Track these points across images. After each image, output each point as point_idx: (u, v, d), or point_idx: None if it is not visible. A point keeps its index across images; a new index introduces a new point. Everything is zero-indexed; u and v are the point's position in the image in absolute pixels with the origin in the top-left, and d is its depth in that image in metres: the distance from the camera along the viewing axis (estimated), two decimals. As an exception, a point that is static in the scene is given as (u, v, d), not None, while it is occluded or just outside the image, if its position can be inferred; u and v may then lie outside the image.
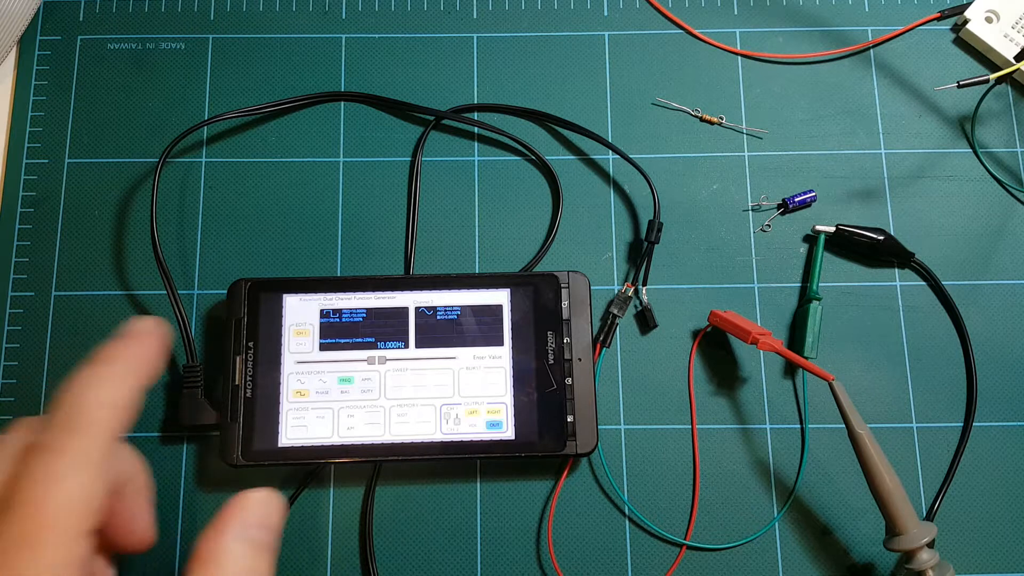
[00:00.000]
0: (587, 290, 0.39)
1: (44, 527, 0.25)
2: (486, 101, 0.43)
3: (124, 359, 0.30)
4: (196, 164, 0.43)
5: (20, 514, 0.25)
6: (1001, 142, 0.43)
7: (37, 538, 0.25)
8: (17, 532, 0.25)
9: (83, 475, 0.26)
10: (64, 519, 0.26)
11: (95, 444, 0.27)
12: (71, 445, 0.27)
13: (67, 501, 0.26)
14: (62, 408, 0.27)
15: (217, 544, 0.27)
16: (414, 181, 0.42)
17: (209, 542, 0.27)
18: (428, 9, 0.45)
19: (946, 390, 0.40)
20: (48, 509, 0.25)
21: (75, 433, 0.27)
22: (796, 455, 0.39)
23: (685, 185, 0.42)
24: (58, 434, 0.27)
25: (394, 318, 0.38)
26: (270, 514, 0.29)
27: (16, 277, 0.41)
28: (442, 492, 0.39)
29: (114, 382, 0.29)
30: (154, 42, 0.44)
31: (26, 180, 0.42)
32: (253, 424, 0.36)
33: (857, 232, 0.41)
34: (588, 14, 0.45)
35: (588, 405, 0.37)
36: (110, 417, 0.28)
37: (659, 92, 0.44)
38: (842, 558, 0.38)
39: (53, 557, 0.25)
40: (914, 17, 0.43)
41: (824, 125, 0.43)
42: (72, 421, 0.27)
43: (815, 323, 0.39)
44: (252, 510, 0.28)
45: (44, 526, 0.25)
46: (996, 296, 0.41)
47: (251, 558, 0.27)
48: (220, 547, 0.27)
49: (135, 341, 0.30)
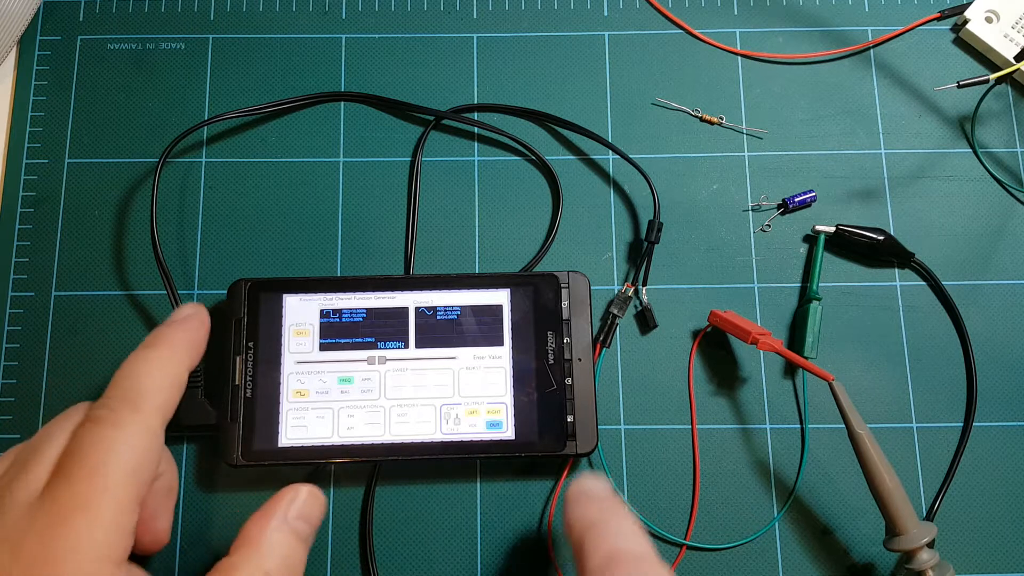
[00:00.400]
0: (587, 290, 0.39)
1: (101, 492, 0.26)
2: (486, 101, 0.43)
3: (173, 343, 0.31)
4: (196, 164, 0.43)
5: (78, 478, 0.26)
6: (1001, 142, 0.43)
7: (94, 502, 0.26)
8: (75, 495, 0.26)
9: (138, 447, 0.28)
10: (119, 487, 0.27)
11: (150, 420, 0.29)
12: (128, 419, 0.28)
13: (123, 470, 0.27)
14: (118, 386, 0.29)
15: (262, 529, 0.29)
16: (414, 181, 0.42)
17: (255, 526, 0.29)
18: (428, 9, 0.45)
19: (946, 390, 0.40)
20: (105, 476, 0.27)
21: (131, 409, 0.28)
22: (796, 455, 0.39)
23: (685, 185, 0.42)
24: (115, 409, 0.28)
25: (394, 318, 0.38)
26: (314, 509, 0.31)
27: (16, 277, 0.41)
28: (442, 492, 0.39)
29: (166, 364, 0.30)
30: (154, 42, 0.44)
31: (26, 180, 0.42)
32: (253, 424, 0.36)
33: (857, 232, 0.41)
34: (588, 14, 0.45)
35: (588, 405, 0.37)
36: (163, 396, 0.30)
37: (659, 92, 0.44)
38: (842, 558, 0.38)
39: (108, 521, 0.26)
40: (914, 17, 0.43)
41: (824, 125, 0.43)
42: (128, 398, 0.29)
43: (815, 323, 0.39)
44: (298, 502, 0.30)
45: (101, 490, 0.26)
46: (996, 296, 0.41)
47: (291, 547, 0.29)
48: (265, 532, 0.29)
49: (182, 326, 0.32)
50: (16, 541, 0.25)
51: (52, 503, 0.26)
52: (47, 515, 0.26)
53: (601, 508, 0.30)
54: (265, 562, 0.28)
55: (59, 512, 0.26)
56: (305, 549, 0.30)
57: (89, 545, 0.26)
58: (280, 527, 0.29)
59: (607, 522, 0.29)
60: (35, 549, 0.25)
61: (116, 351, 0.40)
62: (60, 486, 0.26)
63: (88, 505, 0.26)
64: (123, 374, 0.29)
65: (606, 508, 0.30)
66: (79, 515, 0.26)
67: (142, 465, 0.28)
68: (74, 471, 0.27)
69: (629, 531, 0.29)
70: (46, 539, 0.25)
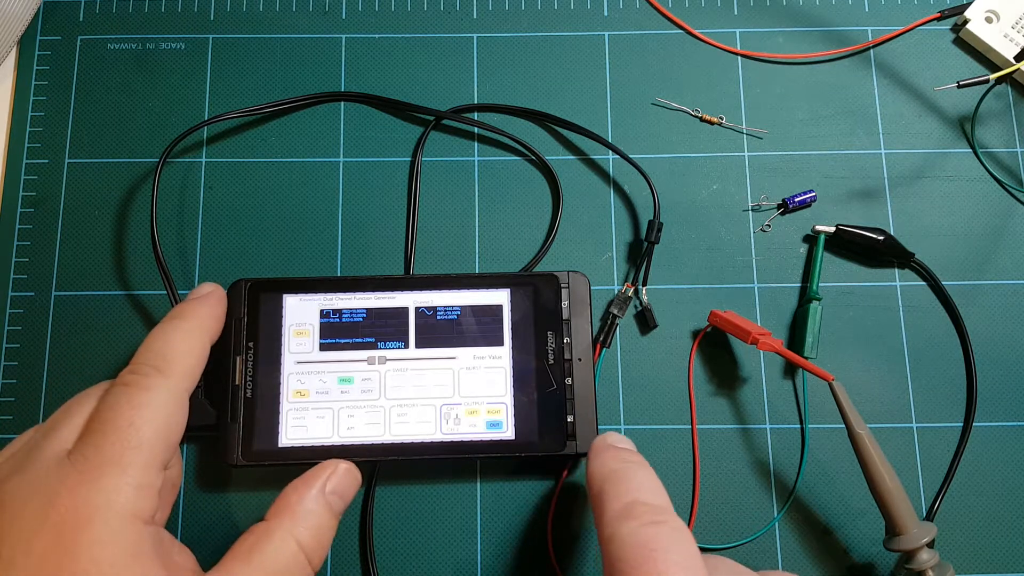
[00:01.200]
0: (587, 290, 0.39)
1: (133, 449, 0.27)
2: (486, 101, 0.43)
3: (199, 315, 0.33)
4: (196, 164, 0.43)
5: (109, 436, 0.27)
6: (1001, 142, 0.43)
7: (125, 459, 0.27)
8: (106, 452, 0.27)
9: (167, 410, 0.29)
10: (149, 445, 0.28)
11: (178, 385, 0.30)
12: (157, 383, 0.29)
13: (153, 430, 0.28)
14: (148, 352, 0.30)
15: (300, 498, 0.30)
16: (414, 181, 0.42)
17: (294, 494, 0.30)
18: (428, 9, 0.45)
19: (946, 390, 0.40)
20: (137, 434, 0.28)
21: (161, 373, 0.30)
22: (796, 455, 0.39)
23: (685, 185, 0.42)
24: (146, 374, 0.29)
25: (394, 318, 0.38)
26: (349, 485, 0.32)
27: (16, 277, 0.41)
28: (442, 492, 0.39)
29: (192, 333, 0.32)
30: (154, 42, 0.44)
31: (26, 180, 0.42)
32: (253, 424, 0.36)
33: (857, 232, 0.41)
34: (588, 14, 0.45)
35: (588, 405, 0.37)
36: (190, 363, 0.31)
37: (659, 92, 0.44)
38: (842, 558, 0.38)
39: (138, 478, 0.27)
40: (914, 17, 0.43)
41: (824, 125, 0.43)
42: (157, 363, 0.30)
43: (815, 323, 0.39)
44: (336, 477, 0.32)
45: (133, 448, 0.27)
46: (996, 296, 0.41)
47: (324, 518, 0.30)
48: (302, 501, 0.30)
49: (205, 301, 0.34)
50: (48, 494, 0.26)
51: (83, 460, 0.27)
52: (79, 471, 0.26)
53: (623, 459, 0.30)
54: (298, 529, 0.29)
55: (90, 468, 0.26)
56: (335, 522, 0.31)
57: (120, 501, 0.26)
58: (317, 498, 0.30)
59: (628, 473, 0.30)
60: (67, 503, 0.26)
61: (116, 351, 0.40)
62: (91, 444, 0.27)
63: (119, 461, 0.27)
64: (151, 342, 0.31)
65: (628, 460, 0.30)
66: (110, 471, 0.26)
67: (170, 428, 0.29)
68: (106, 428, 0.27)
69: (649, 484, 0.29)
70: (77, 494, 0.26)
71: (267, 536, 0.29)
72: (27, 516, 0.26)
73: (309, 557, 0.29)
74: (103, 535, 0.26)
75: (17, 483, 0.27)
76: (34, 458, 0.27)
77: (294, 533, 0.29)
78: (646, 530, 0.27)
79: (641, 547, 0.26)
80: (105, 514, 0.26)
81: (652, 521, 0.27)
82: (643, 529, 0.27)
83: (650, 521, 0.27)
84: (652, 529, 0.27)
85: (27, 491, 0.26)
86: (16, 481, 0.27)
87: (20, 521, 0.25)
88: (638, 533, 0.27)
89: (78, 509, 0.26)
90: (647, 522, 0.27)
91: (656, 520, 0.27)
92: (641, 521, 0.27)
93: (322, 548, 0.30)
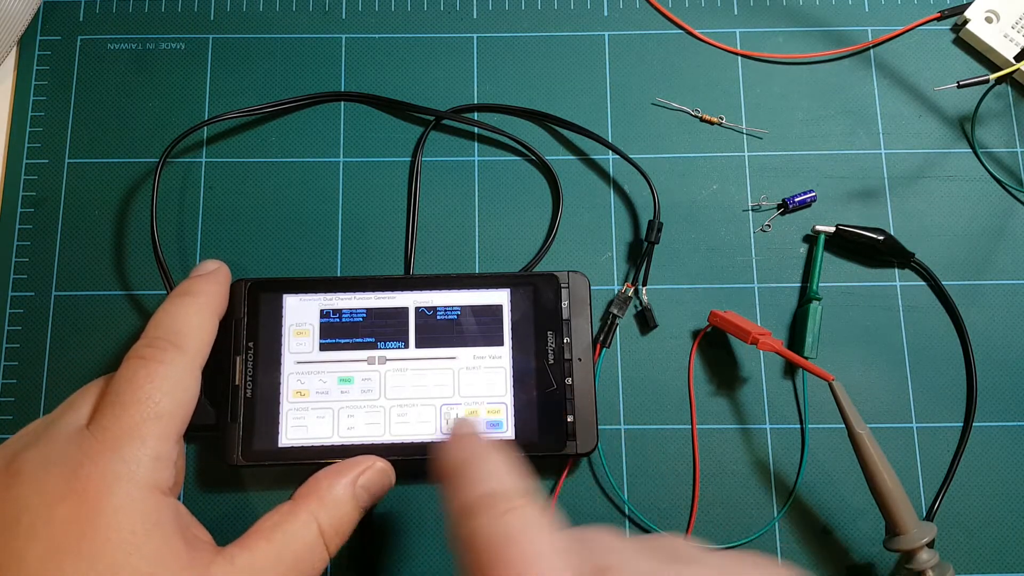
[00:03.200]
0: (587, 290, 0.39)
1: (151, 420, 0.27)
2: (486, 101, 0.43)
3: (207, 291, 0.33)
4: (196, 164, 0.43)
5: (127, 407, 0.27)
6: (1001, 142, 0.43)
7: (144, 430, 0.27)
8: (125, 423, 0.27)
9: (182, 383, 0.29)
10: (167, 417, 0.28)
11: (189, 358, 0.30)
12: (171, 358, 0.29)
13: (170, 401, 0.28)
14: (160, 326, 0.30)
15: (330, 485, 0.30)
16: (414, 181, 0.42)
17: (325, 479, 0.31)
18: (428, 9, 0.45)
19: (946, 390, 0.40)
20: (155, 405, 0.28)
21: (174, 347, 0.30)
22: (796, 455, 0.39)
23: (685, 185, 0.42)
24: (160, 348, 0.29)
25: (394, 318, 0.38)
26: (381, 484, 0.32)
27: (16, 277, 0.41)
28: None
29: (202, 308, 0.32)
30: (154, 42, 0.44)
31: (26, 180, 0.42)
32: (253, 424, 0.36)
33: (857, 232, 0.41)
34: (588, 14, 0.45)
35: (588, 405, 0.37)
36: (201, 337, 0.31)
37: (659, 92, 0.44)
38: (842, 558, 0.38)
39: (156, 449, 0.27)
40: (914, 17, 0.43)
41: (824, 125, 0.43)
42: (170, 337, 0.30)
43: (815, 323, 0.39)
44: (368, 472, 0.32)
45: (152, 418, 0.27)
46: (996, 296, 0.41)
47: (349, 508, 0.30)
48: (332, 489, 0.30)
49: (211, 277, 0.34)
50: (69, 463, 0.26)
51: (102, 431, 0.27)
52: (99, 441, 0.27)
53: (468, 448, 0.27)
54: (321, 514, 0.29)
55: (110, 438, 0.27)
56: (359, 516, 0.31)
57: (141, 471, 0.26)
58: (347, 487, 0.31)
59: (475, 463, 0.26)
60: (88, 471, 0.26)
61: (116, 351, 0.40)
62: (109, 415, 0.27)
63: (138, 432, 0.27)
64: (161, 316, 0.31)
65: (473, 448, 0.27)
66: (129, 442, 0.27)
67: (186, 401, 0.29)
68: (124, 400, 0.27)
69: (499, 469, 0.26)
70: (99, 464, 0.26)
71: (292, 516, 0.29)
72: (49, 484, 0.26)
73: (328, 543, 0.29)
74: (124, 503, 0.26)
75: (36, 453, 0.27)
76: (52, 431, 0.27)
77: (318, 517, 0.29)
78: (499, 521, 0.24)
79: (495, 540, 0.23)
80: (127, 483, 0.26)
81: (507, 510, 0.24)
82: (496, 521, 0.24)
83: (505, 510, 0.24)
84: (507, 518, 0.24)
85: (47, 461, 0.26)
86: (35, 452, 0.27)
87: (41, 489, 0.26)
88: (490, 526, 0.23)
89: (100, 477, 0.26)
90: (501, 511, 0.24)
91: (511, 507, 0.24)
92: (493, 512, 0.24)
93: (340, 537, 0.30)
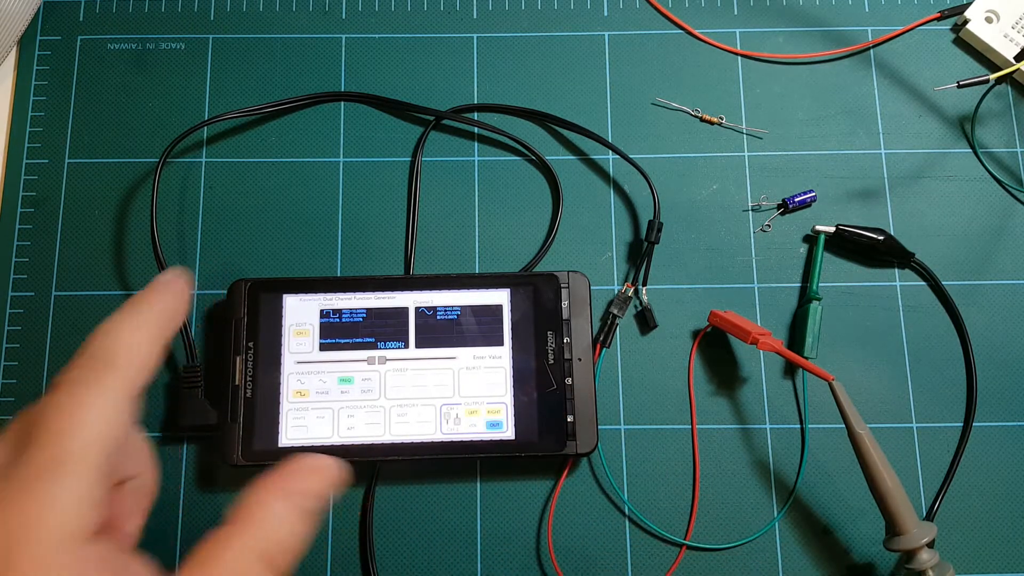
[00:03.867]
0: (587, 290, 0.39)
1: (67, 456, 0.24)
2: (486, 101, 0.43)
3: (150, 306, 0.29)
4: (196, 164, 0.43)
5: (44, 442, 0.24)
6: (1001, 142, 0.43)
7: (60, 468, 0.24)
8: (41, 460, 0.24)
9: (108, 409, 0.26)
10: (86, 451, 0.24)
11: (122, 382, 0.26)
12: (98, 379, 0.26)
13: (89, 433, 0.25)
14: (87, 349, 0.27)
15: (260, 501, 0.27)
16: (414, 181, 0.42)
17: (252, 496, 0.27)
18: (428, 9, 0.45)
19: (946, 390, 0.40)
20: (71, 439, 0.25)
21: (103, 369, 0.26)
22: (796, 455, 0.39)
23: (685, 185, 0.42)
24: (86, 369, 0.26)
25: (394, 318, 0.38)
26: (321, 482, 0.28)
27: (16, 277, 0.41)
28: (442, 492, 0.39)
29: (142, 327, 0.28)
30: (154, 42, 0.44)
31: (26, 180, 0.42)
32: (253, 424, 0.36)
33: (857, 232, 0.41)
34: (588, 14, 0.45)
35: (588, 405, 0.37)
36: (134, 358, 0.27)
37: (659, 92, 0.44)
38: (842, 558, 0.38)
39: (74, 488, 0.24)
40: (914, 17, 0.43)
41: (824, 125, 0.43)
42: (100, 358, 0.27)
43: (815, 323, 0.39)
44: (303, 475, 0.28)
45: (68, 454, 0.24)
46: (996, 296, 0.41)
47: (291, 521, 0.27)
48: (263, 505, 0.27)
49: (160, 291, 0.30)
50: None
51: (14, 471, 0.24)
52: (10, 484, 0.24)
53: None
54: (258, 538, 0.26)
55: (21, 480, 0.24)
56: (307, 523, 0.27)
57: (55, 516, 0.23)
58: (283, 501, 0.27)
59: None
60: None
61: (116, 351, 0.40)
62: (23, 454, 0.24)
63: (54, 471, 0.24)
64: (93, 338, 0.28)
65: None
66: (43, 484, 0.24)
67: (111, 427, 0.25)
68: (40, 437, 0.24)
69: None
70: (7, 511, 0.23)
71: (224, 545, 0.26)
72: None
73: (272, 565, 0.26)
74: (36, 555, 0.23)
75: None
76: None
77: (253, 542, 0.26)
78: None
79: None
80: (37, 532, 0.23)
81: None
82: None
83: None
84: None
85: None
86: None
87: None
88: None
89: (8, 527, 0.23)
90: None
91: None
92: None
93: (289, 553, 0.26)
